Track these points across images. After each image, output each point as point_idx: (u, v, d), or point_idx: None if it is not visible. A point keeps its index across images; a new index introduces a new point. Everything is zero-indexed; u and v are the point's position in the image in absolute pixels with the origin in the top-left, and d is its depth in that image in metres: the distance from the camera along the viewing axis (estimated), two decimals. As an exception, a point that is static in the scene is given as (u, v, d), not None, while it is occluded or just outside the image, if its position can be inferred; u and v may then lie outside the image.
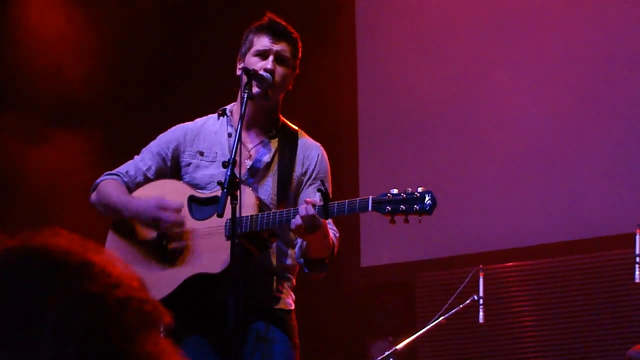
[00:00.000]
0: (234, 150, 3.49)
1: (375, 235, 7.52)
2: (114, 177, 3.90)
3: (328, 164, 3.90)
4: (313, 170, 3.82)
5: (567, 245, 7.04)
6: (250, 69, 3.70)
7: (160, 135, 3.96)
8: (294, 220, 3.44)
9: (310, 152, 3.84)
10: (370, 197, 3.38)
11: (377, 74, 7.73)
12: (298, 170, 3.79)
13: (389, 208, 3.32)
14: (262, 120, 3.85)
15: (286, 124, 3.90)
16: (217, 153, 3.79)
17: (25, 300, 1.23)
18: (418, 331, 5.95)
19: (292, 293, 3.89)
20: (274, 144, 3.83)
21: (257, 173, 3.78)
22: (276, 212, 3.54)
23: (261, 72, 3.73)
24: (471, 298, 5.97)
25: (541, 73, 7.28)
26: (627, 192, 6.92)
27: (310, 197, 3.60)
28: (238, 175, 3.45)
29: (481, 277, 6.06)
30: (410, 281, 7.41)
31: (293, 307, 3.88)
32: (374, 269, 7.57)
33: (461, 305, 5.95)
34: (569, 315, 6.96)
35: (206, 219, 3.66)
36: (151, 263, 3.72)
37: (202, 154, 3.84)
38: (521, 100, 7.29)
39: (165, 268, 3.70)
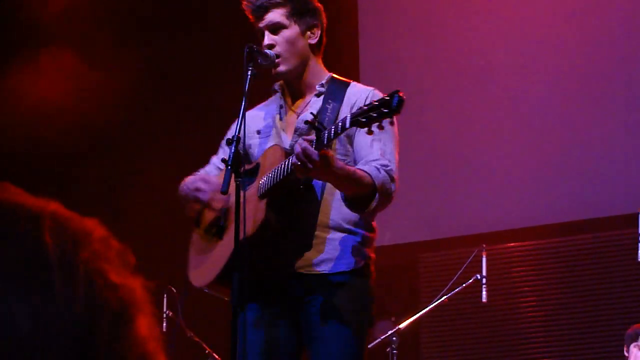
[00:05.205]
0: (237, 128, 3.51)
1: (377, 215, 7.51)
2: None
3: None
4: None
5: (569, 226, 7.05)
6: (255, 46, 3.73)
7: (228, 131, 3.99)
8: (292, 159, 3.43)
9: (359, 96, 3.76)
10: (348, 114, 3.34)
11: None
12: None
13: (364, 120, 3.27)
14: (298, 85, 3.85)
15: (335, 78, 3.85)
16: (271, 128, 3.78)
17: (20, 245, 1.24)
18: (421, 311, 5.96)
19: (363, 249, 3.79)
20: (320, 101, 3.80)
21: (304, 133, 3.73)
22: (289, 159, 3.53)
23: (265, 50, 3.76)
24: (474, 277, 5.98)
25: (546, 49, 7.27)
26: (630, 172, 6.91)
27: (363, 141, 3.60)
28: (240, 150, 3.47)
29: (484, 256, 6.06)
30: (413, 261, 7.41)
31: (361, 265, 3.76)
32: (377, 249, 7.53)
33: (464, 285, 5.96)
34: (572, 294, 6.97)
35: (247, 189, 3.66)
36: (212, 243, 3.78)
37: (259, 132, 3.87)
38: (524, 79, 7.28)
39: (220, 244, 3.74)
